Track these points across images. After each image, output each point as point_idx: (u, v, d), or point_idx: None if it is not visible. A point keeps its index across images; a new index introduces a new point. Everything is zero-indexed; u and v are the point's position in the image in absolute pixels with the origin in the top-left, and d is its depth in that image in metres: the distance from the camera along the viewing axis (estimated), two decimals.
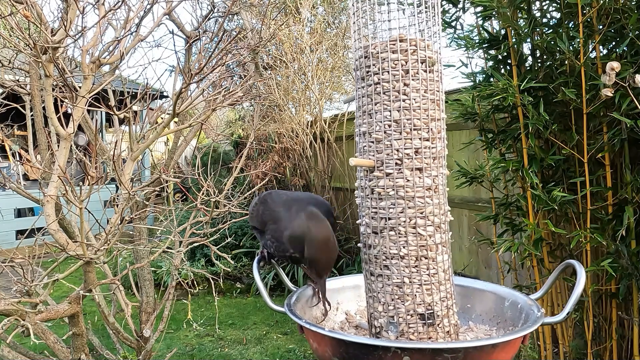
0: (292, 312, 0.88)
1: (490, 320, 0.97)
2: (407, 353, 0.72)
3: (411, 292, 0.85)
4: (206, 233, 1.89)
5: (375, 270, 0.88)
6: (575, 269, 0.87)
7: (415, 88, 0.85)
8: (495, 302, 0.97)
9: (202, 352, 3.32)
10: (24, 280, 1.38)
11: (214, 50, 2.05)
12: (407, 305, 0.85)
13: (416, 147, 0.85)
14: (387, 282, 0.86)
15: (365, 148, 0.89)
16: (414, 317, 0.85)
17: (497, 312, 0.96)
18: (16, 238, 6.63)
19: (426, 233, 0.85)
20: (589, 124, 1.83)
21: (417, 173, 0.85)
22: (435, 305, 0.85)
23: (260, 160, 5.71)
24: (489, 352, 0.75)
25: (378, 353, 0.74)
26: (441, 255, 0.86)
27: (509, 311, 0.93)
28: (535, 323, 0.81)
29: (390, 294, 0.86)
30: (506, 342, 0.77)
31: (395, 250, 0.85)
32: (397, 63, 0.85)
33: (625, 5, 1.68)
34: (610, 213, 1.85)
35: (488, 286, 1.02)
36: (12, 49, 1.89)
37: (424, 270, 0.85)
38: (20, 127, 6.67)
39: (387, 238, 0.86)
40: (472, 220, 3.33)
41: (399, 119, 0.85)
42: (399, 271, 0.85)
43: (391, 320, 0.86)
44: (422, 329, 0.85)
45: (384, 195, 0.86)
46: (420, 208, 0.85)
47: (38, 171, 2.03)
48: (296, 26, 4.93)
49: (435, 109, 0.86)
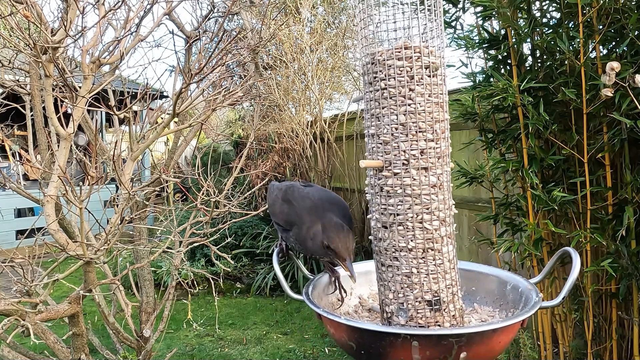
0: (311, 301, 0.95)
1: (494, 302, 1.04)
2: (415, 338, 0.79)
3: (419, 281, 0.91)
4: (206, 233, 1.89)
5: (386, 261, 0.94)
6: (571, 256, 0.93)
7: (419, 93, 0.90)
8: (498, 285, 1.05)
9: (202, 352, 3.32)
10: (24, 280, 1.38)
11: (214, 50, 2.05)
12: (416, 293, 0.91)
13: (422, 148, 0.90)
14: (396, 272, 0.92)
15: (374, 149, 0.94)
16: (422, 303, 0.91)
17: (500, 294, 1.03)
18: (16, 238, 6.63)
19: (432, 227, 0.91)
20: (589, 124, 1.83)
21: (423, 172, 0.90)
22: (441, 292, 0.92)
23: (260, 160, 5.71)
24: (490, 336, 0.83)
25: (389, 339, 0.83)
26: (446, 246, 0.92)
27: (511, 294, 1.00)
28: (533, 308, 0.87)
29: (399, 283, 0.92)
30: (506, 326, 0.83)
31: (403, 244, 0.91)
32: (402, 70, 0.90)
33: (625, 5, 1.68)
34: (610, 213, 1.85)
35: (492, 270, 1.09)
36: (12, 49, 1.89)
37: (430, 260, 0.91)
38: (20, 127, 6.67)
39: (396, 232, 0.92)
40: (472, 220, 3.32)
41: (405, 122, 0.90)
42: (408, 262, 0.91)
43: (401, 307, 0.93)
44: (430, 314, 0.92)
45: (392, 193, 0.91)
46: (426, 204, 0.90)
47: (38, 171, 2.03)
48: (296, 26, 4.92)
49: (439, 111, 0.91)
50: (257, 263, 4.84)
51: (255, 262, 4.86)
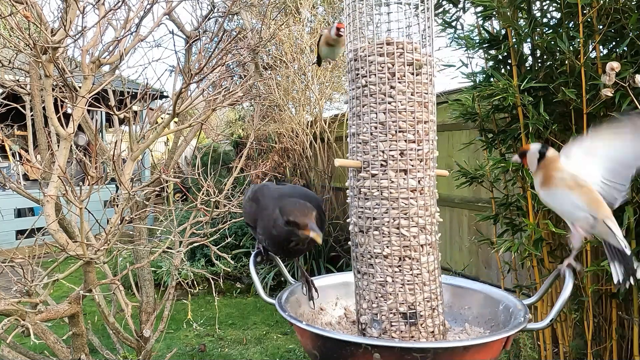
0: (280, 305, 0.90)
1: (486, 322, 0.97)
2: (376, 350, 0.73)
3: (394, 291, 0.86)
4: (206, 233, 1.89)
5: (362, 268, 0.89)
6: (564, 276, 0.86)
7: (401, 90, 0.86)
8: (490, 305, 0.97)
9: (202, 352, 3.32)
10: (24, 280, 1.38)
11: (214, 50, 2.05)
12: (390, 303, 0.86)
13: (401, 149, 0.86)
14: (371, 280, 0.87)
15: (354, 149, 0.90)
16: (397, 315, 0.86)
17: (492, 315, 0.96)
18: (16, 238, 6.63)
19: (410, 234, 0.86)
20: (589, 124, 1.82)
21: (402, 175, 0.86)
22: (418, 305, 0.86)
23: (260, 160, 5.71)
24: (460, 354, 0.76)
25: (350, 349, 0.76)
26: (426, 256, 0.87)
27: (502, 315, 0.93)
28: (514, 329, 0.80)
29: (374, 292, 0.87)
30: (479, 345, 0.77)
31: (379, 250, 0.86)
32: (383, 66, 0.86)
33: (625, 5, 1.68)
34: None
35: (484, 288, 1.02)
36: (12, 49, 1.89)
37: (407, 270, 0.86)
38: (20, 127, 6.66)
39: (372, 237, 0.87)
40: (472, 220, 3.32)
41: (385, 121, 0.86)
42: (382, 270, 0.86)
43: (375, 318, 0.87)
44: (405, 327, 0.86)
45: (370, 196, 0.87)
46: (404, 209, 0.85)
47: (38, 171, 2.03)
48: (296, 26, 4.92)
49: (422, 111, 0.86)
50: (257, 263, 4.84)
51: None
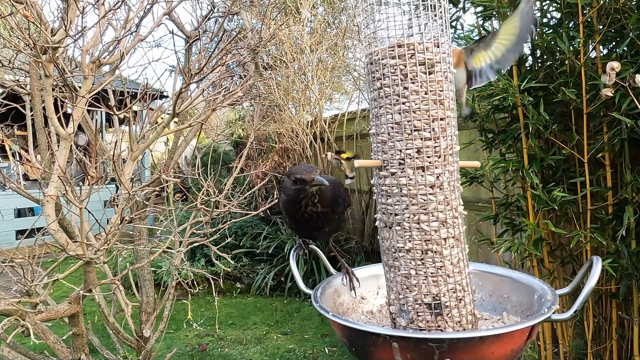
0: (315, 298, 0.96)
1: (523, 311, 0.99)
2: (394, 340, 0.78)
3: (417, 283, 0.90)
4: (206, 233, 1.89)
5: (389, 262, 0.94)
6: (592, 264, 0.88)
7: (414, 91, 0.88)
8: (527, 293, 1.00)
9: (202, 352, 3.32)
10: (24, 280, 1.38)
11: (214, 50, 2.05)
12: (414, 295, 0.90)
13: (417, 147, 0.88)
14: (397, 272, 0.92)
15: (375, 148, 0.95)
16: (422, 306, 0.90)
17: (529, 304, 0.99)
18: (16, 238, 6.63)
19: (430, 228, 0.89)
20: (589, 124, 1.83)
21: (420, 172, 0.89)
22: (442, 296, 0.89)
23: (260, 160, 5.71)
24: (477, 344, 0.79)
25: (371, 338, 0.82)
26: (449, 249, 0.90)
27: (536, 304, 0.95)
28: (536, 319, 0.83)
29: (400, 284, 0.92)
30: (496, 335, 0.80)
31: (402, 244, 0.90)
32: (396, 68, 0.89)
33: (625, 5, 1.68)
34: (610, 213, 1.85)
35: (522, 277, 1.04)
36: (12, 49, 1.89)
37: (429, 263, 0.89)
38: (20, 127, 6.66)
39: (395, 232, 0.91)
40: (472, 220, 3.32)
41: (400, 121, 0.89)
42: (406, 263, 0.90)
43: (402, 308, 0.92)
44: (431, 317, 0.90)
45: (390, 193, 0.91)
46: (423, 205, 0.89)
47: (38, 171, 2.03)
48: (296, 26, 4.92)
49: (438, 108, 0.89)
50: (257, 263, 4.84)
51: (255, 262, 4.86)
